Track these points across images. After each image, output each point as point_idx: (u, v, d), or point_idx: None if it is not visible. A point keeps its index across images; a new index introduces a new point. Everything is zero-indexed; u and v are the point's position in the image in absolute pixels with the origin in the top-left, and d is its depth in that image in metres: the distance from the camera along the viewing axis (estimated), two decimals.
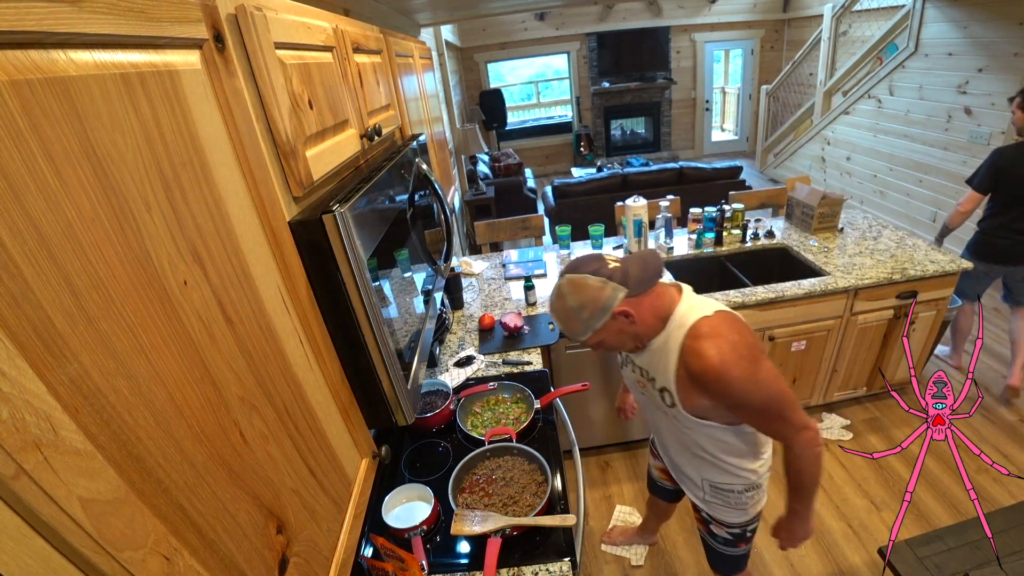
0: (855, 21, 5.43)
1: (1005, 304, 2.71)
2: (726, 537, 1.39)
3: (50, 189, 0.33)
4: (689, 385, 1.10)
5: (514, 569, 1.16)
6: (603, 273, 1.05)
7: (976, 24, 3.67)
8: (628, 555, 2.05)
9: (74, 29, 0.36)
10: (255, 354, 0.57)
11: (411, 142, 1.33)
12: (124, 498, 0.36)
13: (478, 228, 3.12)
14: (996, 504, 2.07)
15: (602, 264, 1.07)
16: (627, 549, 2.07)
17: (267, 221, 0.64)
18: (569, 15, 7.15)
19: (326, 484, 0.72)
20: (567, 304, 1.07)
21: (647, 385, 1.22)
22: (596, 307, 1.05)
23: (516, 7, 4.43)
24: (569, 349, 2.18)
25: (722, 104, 8.51)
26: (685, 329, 1.08)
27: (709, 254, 2.66)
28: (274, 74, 0.64)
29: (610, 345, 1.14)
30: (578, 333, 1.10)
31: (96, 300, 0.36)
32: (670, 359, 1.10)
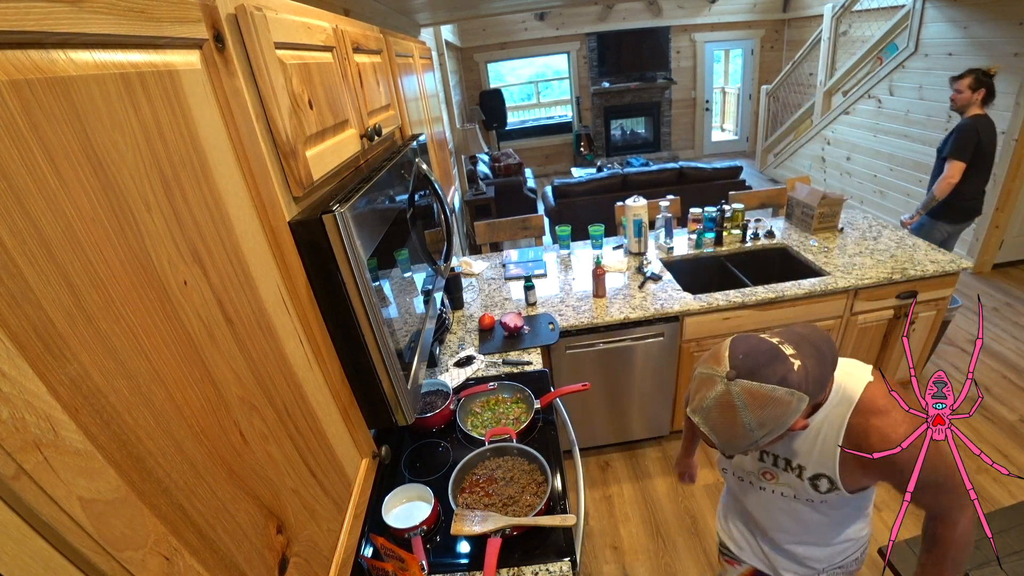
0: (855, 21, 5.43)
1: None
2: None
3: (50, 189, 0.33)
4: (855, 467, 0.94)
5: (514, 569, 1.16)
6: (791, 382, 0.80)
7: (976, 24, 3.67)
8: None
9: (74, 29, 0.36)
10: (255, 354, 0.57)
11: (411, 142, 1.33)
12: (124, 498, 0.36)
13: (478, 228, 3.12)
14: (996, 504, 2.07)
15: (788, 367, 0.81)
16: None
17: (267, 221, 0.64)
18: (569, 15, 7.15)
19: (326, 484, 0.72)
20: (740, 419, 0.80)
21: (777, 476, 1.05)
22: (776, 424, 0.81)
23: (516, 7, 4.43)
24: (569, 349, 2.18)
25: (722, 104, 8.51)
26: (851, 405, 0.91)
27: (709, 254, 2.66)
28: (274, 74, 0.64)
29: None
30: (738, 448, 0.85)
31: (96, 300, 0.36)
32: (833, 441, 0.93)
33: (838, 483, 0.97)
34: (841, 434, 0.92)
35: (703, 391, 0.85)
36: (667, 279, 2.39)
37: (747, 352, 0.84)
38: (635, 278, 2.44)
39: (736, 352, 0.84)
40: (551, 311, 2.24)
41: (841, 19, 5.49)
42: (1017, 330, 3.18)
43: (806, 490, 1.02)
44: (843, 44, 5.54)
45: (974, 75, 2.69)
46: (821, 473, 0.98)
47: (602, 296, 2.29)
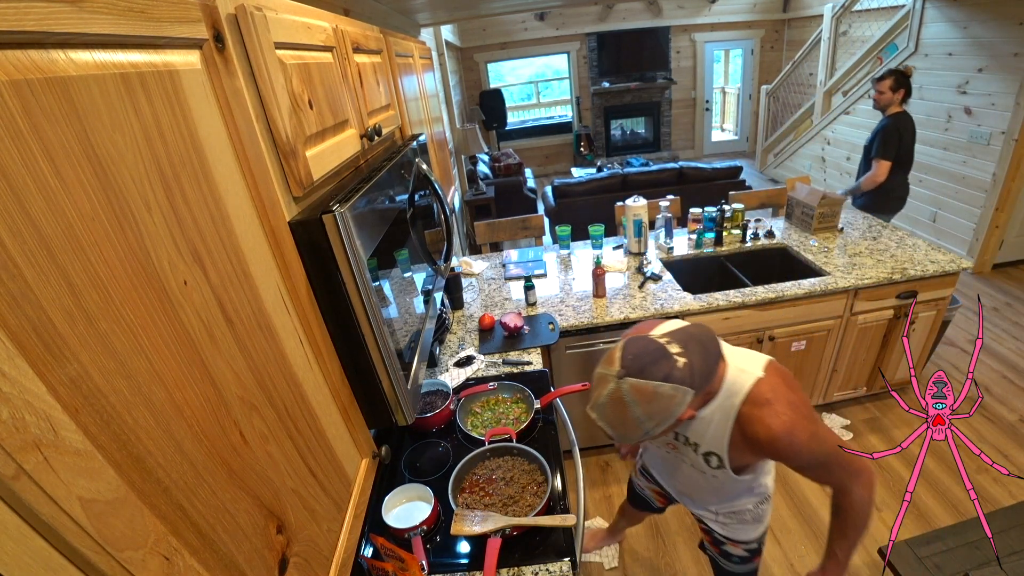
0: (855, 21, 5.43)
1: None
2: (742, 555, 1.36)
3: (50, 189, 0.33)
4: (745, 449, 1.05)
5: (514, 569, 1.16)
6: (675, 378, 0.89)
7: (976, 24, 3.67)
8: (601, 559, 2.05)
9: (74, 29, 0.36)
10: (255, 354, 0.57)
11: (411, 142, 1.33)
12: (124, 498, 0.36)
13: (478, 228, 3.12)
14: (996, 504, 2.07)
15: (671, 365, 0.89)
16: (598, 553, 2.06)
17: (267, 221, 0.64)
18: (569, 15, 7.15)
19: (326, 484, 0.72)
20: (630, 414, 0.89)
21: (678, 447, 1.20)
22: (664, 416, 0.90)
23: (516, 7, 4.43)
24: (569, 349, 2.18)
25: (722, 104, 8.51)
26: (741, 396, 1.00)
27: (709, 254, 2.66)
28: (274, 74, 0.64)
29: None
30: (633, 439, 0.95)
31: (96, 300, 0.36)
32: (723, 426, 1.04)
33: (725, 462, 1.11)
34: (730, 422, 1.03)
35: (598, 389, 0.93)
36: (667, 279, 2.39)
37: (636, 353, 0.92)
38: (635, 278, 2.44)
39: (627, 353, 0.92)
40: (551, 311, 2.24)
41: (841, 19, 5.49)
42: (1017, 330, 3.18)
43: (699, 462, 1.17)
44: (843, 44, 5.54)
45: (894, 76, 2.81)
46: (712, 451, 1.12)
47: (602, 296, 2.29)
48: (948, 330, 3.05)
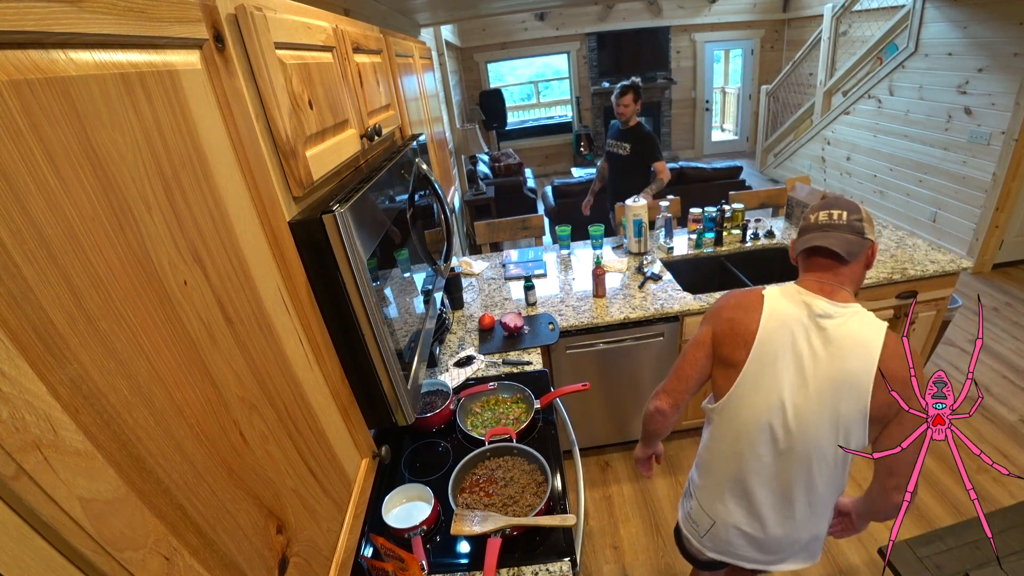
0: (855, 21, 5.43)
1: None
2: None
3: (50, 189, 0.33)
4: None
5: (514, 569, 1.16)
6: (807, 213, 1.12)
7: (976, 24, 3.67)
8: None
9: (74, 29, 0.36)
10: (255, 354, 0.57)
11: (411, 142, 1.33)
12: (124, 498, 0.36)
13: (478, 228, 3.12)
14: (996, 504, 2.07)
15: (818, 208, 1.10)
16: None
17: (267, 221, 0.64)
18: (569, 15, 7.15)
19: (326, 484, 0.72)
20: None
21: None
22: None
23: (516, 7, 4.43)
24: (569, 349, 2.18)
25: (722, 104, 8.51)
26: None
27: (709, 254, 2.66)
28: (274, 74, 0.64)
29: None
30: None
31: (96, 300, 0.36)
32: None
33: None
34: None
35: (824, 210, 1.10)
36: (667, 279, 2.39)
37: (837, 198, 1.13)
38: (635, 278, 2.44)
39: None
40: (551, 311, 2.24)
41: (841, 19, 5.49)
42: (1017, 330, 3.18)
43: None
44: (843, 44, 5.54)
45: (634, 90, 3.02)
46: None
47: (602, 296, 2.29)
48: (948, 330, 3.05)
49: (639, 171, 3.14)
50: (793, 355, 1.04)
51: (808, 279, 1.09)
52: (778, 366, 1.05)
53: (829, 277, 1.06)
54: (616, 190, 3.23)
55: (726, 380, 1.11)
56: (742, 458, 1.12)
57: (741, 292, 1.16)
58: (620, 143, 3.17)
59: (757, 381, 1.07)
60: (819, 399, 1.01)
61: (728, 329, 1.10)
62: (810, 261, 1.10)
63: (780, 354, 1.05)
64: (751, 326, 1.07)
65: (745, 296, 1.13)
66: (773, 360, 1.05)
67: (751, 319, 1.08)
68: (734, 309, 1.12)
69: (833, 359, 1.00)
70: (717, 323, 1.13)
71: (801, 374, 1.03)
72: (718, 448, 1.18)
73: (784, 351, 1.04)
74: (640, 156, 3.10)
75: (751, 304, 1.10)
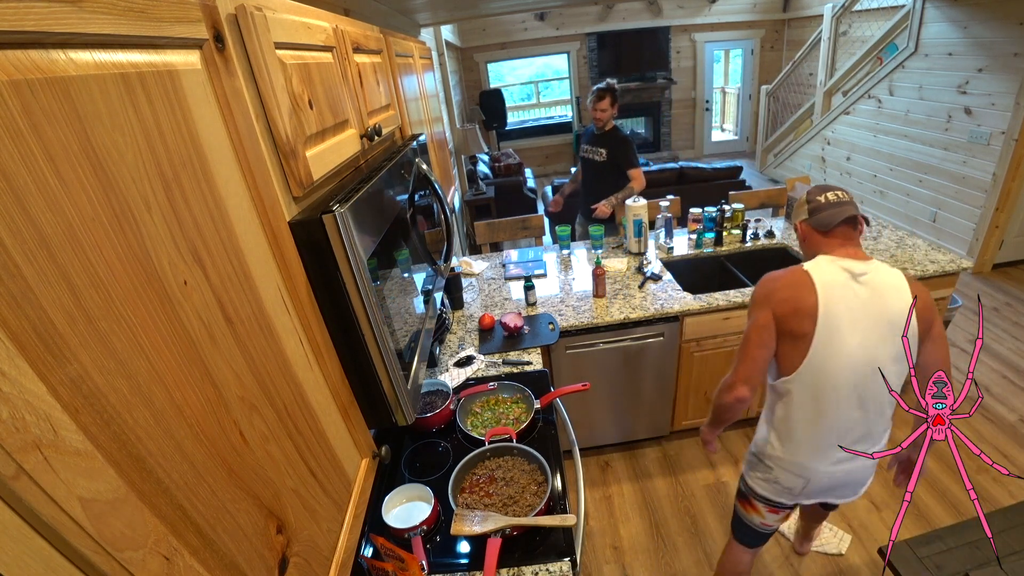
0: (855, 21, 5.43)
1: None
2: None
3: (50, 189, 0.33)
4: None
5: (514, 569, 1.16)
6: (811, 196, 1.32)
7: (976, 24, 3.67)
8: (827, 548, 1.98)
9: (74, 29, 0.36)
10: (255, 354, 0.57)
11: (411, 142, 1.33)
12: (124, 498, 0.36)
13: (478, 228, 3.12)
14: (996, 504, 2.07)
15: (819, 193, 1.31)
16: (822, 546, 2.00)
17: (267, 221, 0.64)
18: (569, 15, 7.15)
19: (326, 484, 0.72)
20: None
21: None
22: (795, 212, 1.37)
23: (516, 7, 4.43)
24: (569, 349, 2.18)
25: (722, 104, 8.51)
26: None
27: (709, 254, 2.66)
28: (274, 74, 0.64)
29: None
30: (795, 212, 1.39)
31: (96, 300, 0.36)
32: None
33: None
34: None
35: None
36: (667, 279, 2.39)
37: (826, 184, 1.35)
38: (635, 278, 2.44)
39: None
40: (551, 311, 2.24)
41: (841, 19, 5.49)
42: (1017, 330, 3.18)
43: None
44: (843, 44, 5.54)
45: (611, 93, 2.87)
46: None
47: (602, 296, 2.29)
48: (948, 330, 3.05)
49: (615, 177, 2.99)
50: (850, 313, 1.20)
51: (834, 248, 1.27)
52: (843, 326, 1.20)
53: (851, 243, 1.28)
54: (590, 197, 3.05)
55: (797, 352, 1.24)
56: (826, 415, 1.26)
57: (783, 274, 1.27)
58: (596, 148, 3.00)
59: (829, 345, 1.21)
60: (881, 342, 1.20)
61: (790, 308, 1.22)
62: (834, 231, 1.28)
63: (842, 316, 1.20)
64: (810, 299, 1.20)
65: (792, 276, 1.25)
66: (838, 324, 1.20)
67: (808, 294, 1.21)
68: (788, 289, 1.23)
69: (880, 305, 1.20)
70: (776, 304, 1.23)
71: (861, 326, 1.20)
72: (800, 415, 1.29)
73: (844, 313, 1.20)
74: (617, 162, 2.95)
75: (801, 282, 1.23)
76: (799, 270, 1.25)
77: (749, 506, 1.47)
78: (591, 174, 3.11)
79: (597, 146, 3.01)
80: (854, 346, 1.20)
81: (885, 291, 1.21)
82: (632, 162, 2.97)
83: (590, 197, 3.08)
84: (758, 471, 1.42)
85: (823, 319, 1.20)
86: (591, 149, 3.04)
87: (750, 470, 1.46)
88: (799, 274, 1.24)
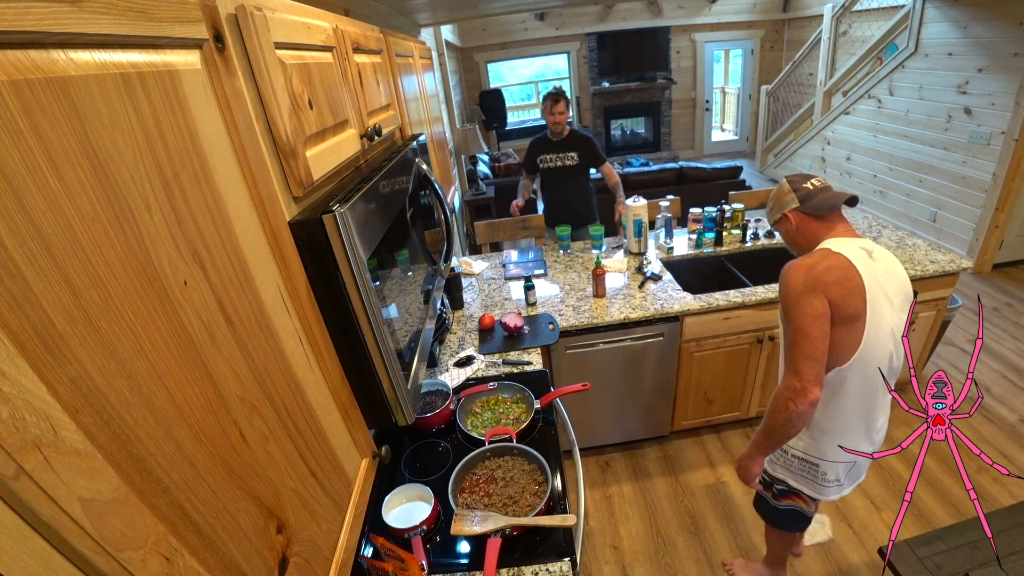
0: (855, 21, 5.43)
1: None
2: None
3: (50, 189, 0.33)
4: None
5: (514, 569, 1.16)
6: (795, 185, 1.33)
7: (976, 24, 3.67)
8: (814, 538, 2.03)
9: (74, 29, 0.36)
10: (255, 354, 0.57)
11: (411, 142, 1.33)
12: (124, 498, 0.36)
13: (478, 228, 3.12)
14: (996, 504, 2.07)
15: (802, 181, 1.33)
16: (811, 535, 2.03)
17: (267, 221, 0.64)
18: (569, 15, 7.15)
19: (326, 484, 0.72)
20: (771, 194, 1.40)
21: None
22: (776, 204, 1.37)
23: (516, 7, 4.43)
24: (569, 349, 2.18)
25: (722, 104, 8.50)
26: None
27: (709, 254, 2.66)
28: (274, 74, 0.64)
29: (784, 241, 1.42)
30: (767, 214, 1.44)
31: (96, 300, 0.36)
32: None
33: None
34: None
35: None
36: (667, 279, 2.39)
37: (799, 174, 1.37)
38: (635, 278, 2.44)
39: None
40: (551, 311, 2.24)
41: (841, 19, 5.49)
42: (1017, 330, 3.18)
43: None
44: (843, 44, 5.54)
45: (564, 98, 2.88)
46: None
47: (602, 296, 2.29)
48: (948, 330, 3.05)
49: (584, 178, 3.03)
50: (882, 288, 1.21)
51: (839, 229, 1.29)
52: (881, 302, 1.21)
53: (848, 224, 1.31)
54: (563, 207, 3.07)
55: (853, 335, 1.21)
56: (870, 396, 1.28)
57: (820, 257, 1.23)
58: (564, 154, 2.96)
59: (877, 324, 1.21)
60: (901, 313, 1.25)
61: (843, 291, 1.18)
62: (831, 215, 1.30)
63: (878, 292, 1.21)
64: (856, 279, 1.18)
65: (831, 258, 1.22)
66: (880, 301, 1.21)
67: (853, 273, 1.19)
68: (833, 272, 1.19)
69: (894, 276, 1.25)
70: (828, 290, 1.17)
71: (892, 301, 1.23)
72: (845, 402, 1.28)
73: (878, 288, 1.21)
74: (587, 163, 2.97)
75: (841, 264, 1.20)
76: (831, 252, 1.22)
77: (797, 498, 1.47)
78: (557, 183, 3.05)
79: (565, 151, 2.96)
80: (890, 321, 1.22)
81: (892, 265, 1.26)
82: (603, 158, 3.02)
83: (563, 206, 3.07)
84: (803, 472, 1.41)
85: (869, 296, 1.19)
86: (557, 157, 2.98)
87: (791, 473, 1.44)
88: (835, 256, 1.21)
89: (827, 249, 1.24)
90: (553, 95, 2.83)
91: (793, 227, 1.33)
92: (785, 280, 1.22)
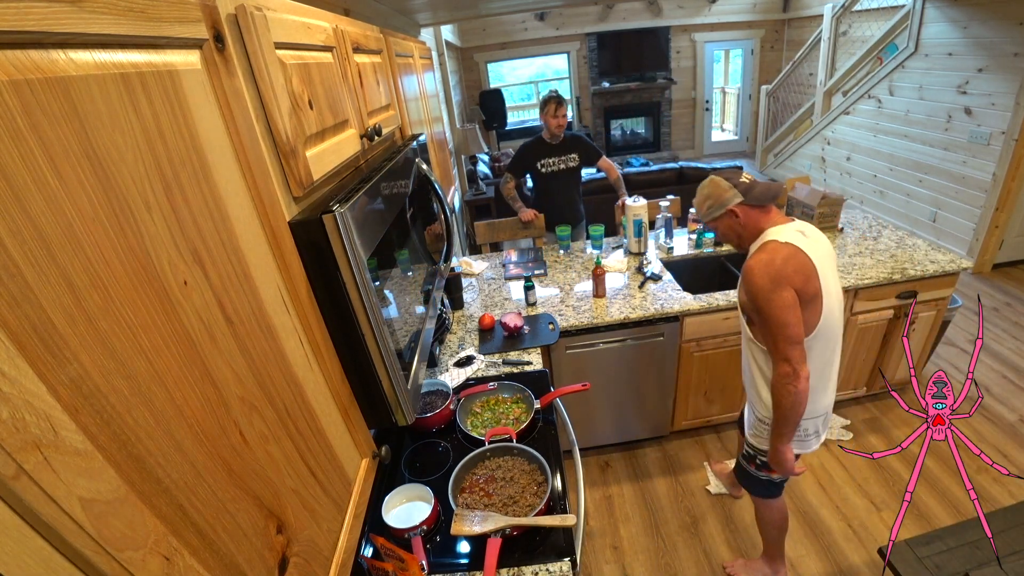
0: (855, 21, 5.43)
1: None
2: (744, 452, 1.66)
3: (50, 189, 0.33)
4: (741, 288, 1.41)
5: (514, 569, 1.16)
6: (732, 181, 1.40)
7: (976, 24, 3.67)
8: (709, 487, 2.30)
9: (74, 29, 0.36)
10: (255, 354, 0.57)
11: (411, 142, 1.33)
12: (124, 498, 0.36)
13: (478, 228, 3.12)
14: (996, 504, 2.07)
15: (736, 176, 1.42)
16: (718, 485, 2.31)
17: (267, 221, 0.64)
18: (569, 15, 7.15)
19: (326, 484, 0.72)
20: (702, 193, 1.45)
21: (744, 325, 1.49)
22: (717, 201, 1.42)
23: (516, 7, 4.43)
24: (569, 349, 2.18)
25: (722, 104, 8.50)
26: (758, 245, 1.38)
27: (709, 254, 2.66)
28: (274, 74, 0.64)
29: (723, 235, 1.49)
30: (703, 216, 1.48)
31: (96, 300, 0.36)
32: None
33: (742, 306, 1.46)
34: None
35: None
36: (667, 279, 2.39)
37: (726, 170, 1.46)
38: (635, 278, 2.44)
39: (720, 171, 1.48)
40: (551, 311, 2.24)
41: (841, 19, 5.49)
42: (1017, 330, 3.18)
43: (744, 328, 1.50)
44: (843, 44, 5.54)
45: (565, 103, 2.92)
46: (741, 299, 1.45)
47: (602, 296, 2.29)
48: (948, 330, 3.05)
49: (580, 176, 3.11)
50: (823, 263, 1.35)
51: (774, 219, 1.41)
52: (828, 275, 1.36)
53: (779, 210, 1.45)
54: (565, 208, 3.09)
55: (815, 311, 1.35)
56: (832, 353, 1.44)
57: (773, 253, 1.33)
58: (566, 156, 2.99)
59: (829, 294, 1.36)
60: (839, 280, 1.43)
61: (803, 277, 1.31)
62: (767, 204, 1.41)
63: (823, 266, 1.35)
64: (808, 263, 1.32)
65: (781, 250, 1.33)
66: (826, 274, 1.36)
67: (805, 258, 1.32)
68: (790, 262, 1.31)
69: (825, 246, 1.40)
70: (791, 280, 1.30)
71: (832, 271, 1.39)
72: (815, 364, 1.40)
73: (821, 263, 1.34)
74: (586, 162, 3.05)
75: (792, 253, 1.32)
76: (779, 244, 1.33)
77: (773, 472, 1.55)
78: (559, 184, 3.07)
79: (565, 154, 2.99)
80: (836, 289, 1.39)
81: (820, 237, 1.41)
82: (599, 152, 3.07)
83: (568, 207, 3.11)
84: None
85: (820, 273, 1.33)
86: (558, 160, 3.00)
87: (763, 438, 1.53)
88: (784, 247, 1.32)
89: (775, 242, 1.34)
90: (556, 99, 2.85)
91: (740, 221, 1.42)
92: (751, 281, 1.33)
